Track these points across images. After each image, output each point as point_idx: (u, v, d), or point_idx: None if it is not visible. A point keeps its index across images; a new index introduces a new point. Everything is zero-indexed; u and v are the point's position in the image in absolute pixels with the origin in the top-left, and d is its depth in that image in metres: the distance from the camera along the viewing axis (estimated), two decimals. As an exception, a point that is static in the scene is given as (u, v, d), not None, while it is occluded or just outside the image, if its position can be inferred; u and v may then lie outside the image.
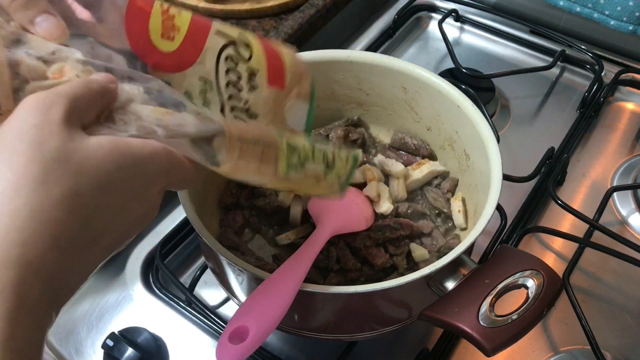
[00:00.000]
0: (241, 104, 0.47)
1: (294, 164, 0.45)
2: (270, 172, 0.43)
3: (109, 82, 0.36)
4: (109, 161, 0.33)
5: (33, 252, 0.30)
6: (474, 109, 0.59)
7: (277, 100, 0.48)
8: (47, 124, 0.32)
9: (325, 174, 0.48)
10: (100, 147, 0.33)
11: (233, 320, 0.44)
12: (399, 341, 0.63)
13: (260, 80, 0.47)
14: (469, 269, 0.50)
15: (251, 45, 0.47)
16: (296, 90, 0.49)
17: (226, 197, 0.64)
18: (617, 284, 0.69)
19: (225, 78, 0.46)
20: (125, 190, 0.34)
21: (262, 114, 0.48)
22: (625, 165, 0.80)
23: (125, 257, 0.69)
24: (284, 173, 0.44)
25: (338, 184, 0.50)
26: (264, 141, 0.42)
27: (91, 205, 0.33)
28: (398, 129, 0.69)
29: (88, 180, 0.32)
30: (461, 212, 0.62)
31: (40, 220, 0.31)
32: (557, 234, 0.70)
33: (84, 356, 0.61)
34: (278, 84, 0.48)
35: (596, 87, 0.87)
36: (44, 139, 0.32)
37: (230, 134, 0.40)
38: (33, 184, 0.31)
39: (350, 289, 0.48)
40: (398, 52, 0.96)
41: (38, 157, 0.31)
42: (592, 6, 0.91)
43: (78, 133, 0.33)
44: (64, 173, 0.32)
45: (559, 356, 0.63)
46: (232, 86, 0.47)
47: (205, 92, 0.46)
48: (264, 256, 0.61)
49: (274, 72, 0.47)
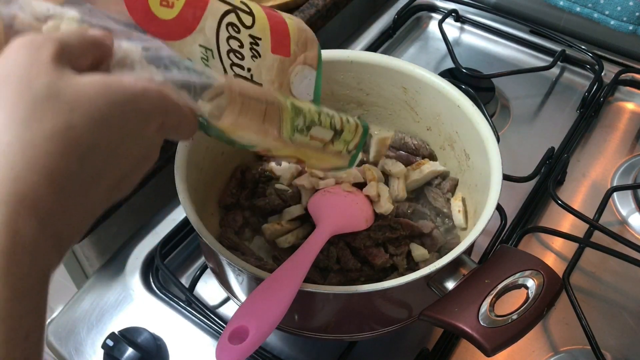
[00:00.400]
0: (244, 72, 0.46)
1: (299, 127, 0.43)
2: (274, 133, 0.42)
3: (104, 36, 0.36)
4: (101, 97, 0.32)
5: (26, 187, 0.29)
6: (474, 109, 0.59)
7: (281, 68, 0.47)
8: (36, 62, 0.32)
9: (332, 141, 0.47)
10: (91, 84, 0.33)
11: (233, 320, 0.44)
12: (399, 341, 0.63)
13: (264, 48, 0.46)
14: (469, 269, 0.50)
15: (253, 12, 0.45)
16: (302, 57, 0.48)
17: (226, 197, 0.64)
18: (617, 284, 0.69)
19: (226, 46, 0.45)
20: (119, 126, 0.33)
21: (266, 82, 0.47)
22: (625, 165, 0.80)
23: (125, 257, 0.69)
24: (288, 135, 0.43)
25: (346, 153, 0.49)
26: (267, 100, 0.41)
27: (85, 141, 0.32)
28: (398, 129, 0.69)
29: (80, 116, 0.31)
30: (461, 212, 0.62)
31: (33, 156, 0.30)
32: (557, 234, 0.70)
33: (84, 356, 0.61)
34: (282, 51, 0.46)
35: (596, 87, 0.87)
36: (33, 76, 0.31)
37: (231, 88, 0.39)
38: (23, 120, 0.30)
39: (350, 289, 0.48)
40: (398, 52, 0.96)
41: (27, 93, 0.31)
42: (592, 6, 0.91)
43: (68, 72, 0.32)
44: (54, 109, 0.31)
45: (559, 356, 0.63)
46: (233, 54, 0.45)
47: (206, 59, 0.45)
48: (264, 256, 0.61)
49: (277, 39, 0.46)
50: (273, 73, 0.47)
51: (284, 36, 0.46)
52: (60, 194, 0.31)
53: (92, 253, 0.77)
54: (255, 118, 0.41)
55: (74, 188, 0.32)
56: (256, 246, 0.62)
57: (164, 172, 0.73)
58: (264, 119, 0.41)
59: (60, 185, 0.31)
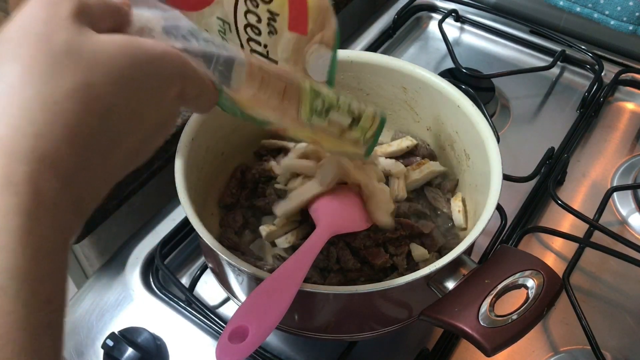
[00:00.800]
0: (260, 47, 0.45)
1: (317, 110, 0.43)
2: (292, 113, 0.42)
3: (123, 3, 0.35)
4: (121, 56, 0.32)
5: (47, 144, 0.28)
6: (474, 109, 0.59)
7: (298, 47, 0.46)
8: (55, 18, 0.31)
9: (350, 127, 0.46)
10: (112, 42, 0.32)
11: (233, 320, 0.44)
12: (399, 341, 0.63)
13: (281, 25, 0.45)
14: (469, 269, 0.50)
15: None
16: (319, 37, 0.46)
17: (226, 197, 0.64)
18: (617, 284, 0.69)
19: (244, 20, 0.44)
20: (139, 88, 0.33)
21: (281, 60, 0.46)
22: (625, 165, 0.80)
23: (125, 257, 0.69)
24: (307, 117, 0.42)
25: (363, 142, 0.48)
26: (286, 78, 0.41)
27: (105, 100, 0.31)
28: (398, 129, 0.69)
29: (100, 74, 0.31)
30: (461, 212, 0.62)
31: (54, 112, 0.29)
32: (557, 234, 0.70)
33: (84, 356, 0.61)
34: (300, 29, 0.45)
35: (596, 87, 0.87)
36: (52, 31, 0.30)
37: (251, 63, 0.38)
38: (43, 76, 0.29)
39: (350, 289, 0.48)
40: (398, 52, 0.96)
41: (46, 49, 0.30)
42: (592, 6, 0.91)
43: (87, 29, 0.32)
44: (75, 65, 0.30)
45: (559, 356, 0.63)
46: (250, 29, 0.45)
47: (224, 32, 0.45)
48: (264, 256, 0.61)
49: (295, 17, 0.45)
50: (289, 51, 0.46)
51: (302, 14, 0.45)
52: (81, 154, 0.30)
53: (92, 253, 0.77)
54: (274, 95, 0.40)
55: (95, 149, 0.31)
56: (256, 246, 0.62)
57: (164, 172, 0.73)
58: (283, 97, 0.41)
59: (80, 145, 0.30)
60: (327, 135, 0.46)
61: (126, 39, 0.33)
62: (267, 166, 0.65)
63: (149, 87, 0.34)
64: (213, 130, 0.61)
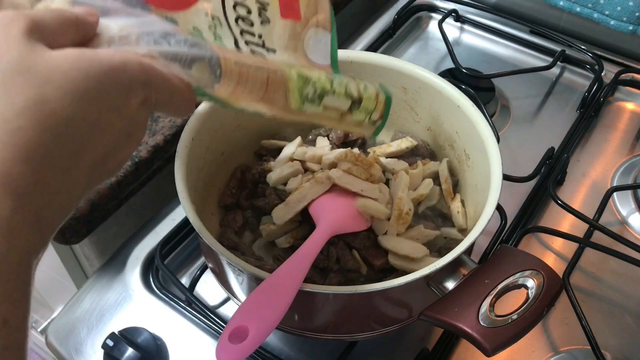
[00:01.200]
0: (255, 38, 0.45)
1: (309, 96, 0.42)
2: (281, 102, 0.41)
3: (87, 15, 0.35)
4: (75, 69, 0.31)
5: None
6: (474, 109, 0.59)
7: (294, 33, 0.46)
8: (7, 37, 0.31)
9: (351, 110, 0.45)
10: (65, 57, 0.32)
11: (233, 320, 0.44)
12: (399, 341, 0.63)
13: (273, 13, 0.44)
14: (469, 269, 0.50)
15: None
16: (314, 20, 0.46)
17: (226, 197, 0.64)
18: (617, 284, 0.69)
19: (233, 13, 0.44)
20: (97, 99, 0.32)
21: (279, 48, 0.46)
22: (625, 165, 0.80)
23: (125, 257, 0.69)
24: (297, 105, 0.42)
25: (368, 122, 0.47)
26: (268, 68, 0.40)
27: (60, 115, 0.31)
28: (398, 129, 0.69)
29: (53, 90, 0.30)
30: (460, 212, 0.62)
31: (5, 130, 0.29)
32: (557, 234, 0.70)
33: (84, 356, 0.61)
34: (292, 15, 0.45)
35: (596, 87, 0.87)
36: (3, 50, 0.30)
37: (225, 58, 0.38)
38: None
39: (350, 289, 0.48)
40: (398, 52, 0.96)
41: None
42: (592, 6, 0.91)
43: (40, 46, 0.32)
44: (25, 83, 0.30)
45: (559, 356, 0.63)
46: (242, 21, 0.44)
47: (214, 27, 0.44)
48: (264, 256, 0.61)
49: (286, 3, 0.45)
50: (286, 38, 0.45)
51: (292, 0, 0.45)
52: (38, 171, 0.30)
53: (92, 253, 0.77)
54: (256, 87, 0.40)
55: (53, 164, 0.31)
56: (256, 246, 0.62)
57: (164, 172, 0.73)
58: (267, 87, 0.40)
59: (37, 162, 0.30)
60: (326, 120, 0.45)
61: (78, 52, 0.32)
62: (267, 166, 0.65)
63: (106, 97, 0.33)
64: (213, 130, 0.61)
